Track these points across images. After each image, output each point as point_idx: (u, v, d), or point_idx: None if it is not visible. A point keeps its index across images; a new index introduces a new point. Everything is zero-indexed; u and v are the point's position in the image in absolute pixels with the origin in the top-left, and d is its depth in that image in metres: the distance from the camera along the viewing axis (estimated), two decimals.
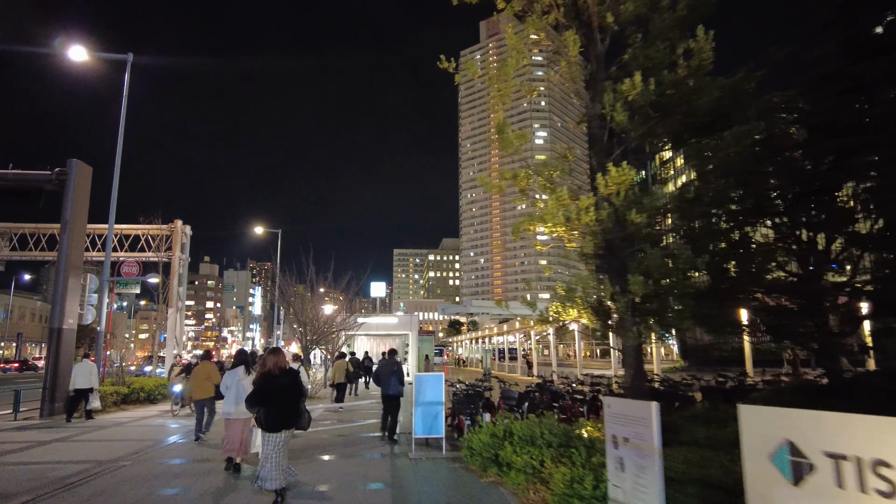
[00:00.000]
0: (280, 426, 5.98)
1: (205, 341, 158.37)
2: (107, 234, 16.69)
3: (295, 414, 6.17)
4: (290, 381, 6.19)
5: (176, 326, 23.18)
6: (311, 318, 20.60)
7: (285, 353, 7.62)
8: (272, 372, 6.13)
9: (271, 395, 6.00)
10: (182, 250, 23.73)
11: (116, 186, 16.73)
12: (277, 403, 6.01)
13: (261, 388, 6.06)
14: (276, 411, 5.99)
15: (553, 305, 7.71)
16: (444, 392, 8.49)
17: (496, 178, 8.19)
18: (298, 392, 6.29)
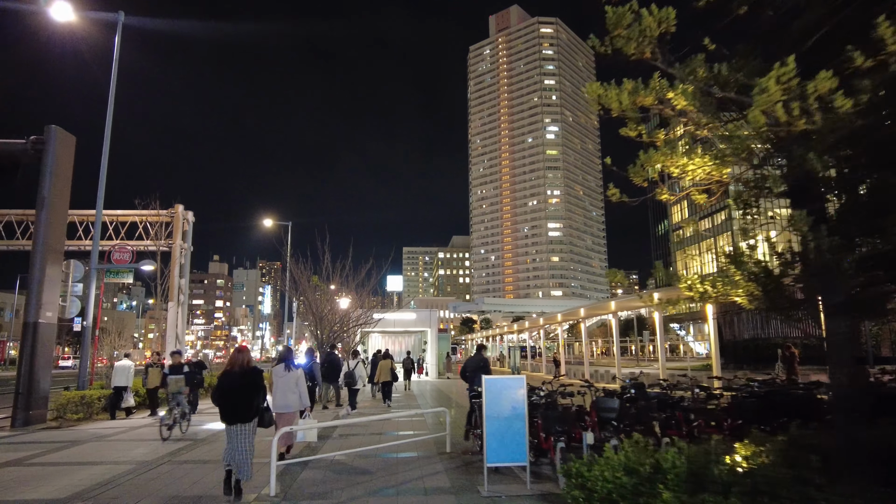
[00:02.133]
0: (234, 419, 6.27)
1: (214, 340, 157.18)
2: (97, 217, 14.44)
3: (249, 410, 6.34)
4: (248, 380, 6.43)
5: (178, 322, 20.97)
6: (328, 312, 18.31)
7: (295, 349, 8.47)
8: (232, 370, 6.47)
9: (227, 392, 6.36)
10: (184, 238, 21.45)
11: (106, 158, 14.48)
12: (231, 399, 6.34)
13: (218, 385, 6.50)
14: (230, 405, 6.32)
15: (712, 281, 5.32)
16: (525, 403, 6.13)
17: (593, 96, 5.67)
18: (255, 389, 6.44)
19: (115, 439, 10.81)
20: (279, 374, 8.37)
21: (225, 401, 6.34)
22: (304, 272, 17.65)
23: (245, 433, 6.29)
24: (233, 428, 6.28)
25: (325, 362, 14.66)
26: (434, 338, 33.47)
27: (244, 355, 6.63)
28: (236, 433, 6.27)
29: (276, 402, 8.25)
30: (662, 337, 22.21)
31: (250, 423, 6.36)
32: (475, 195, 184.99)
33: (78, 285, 14.00)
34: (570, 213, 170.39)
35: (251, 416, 6.36)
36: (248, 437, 6.30)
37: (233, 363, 6.53)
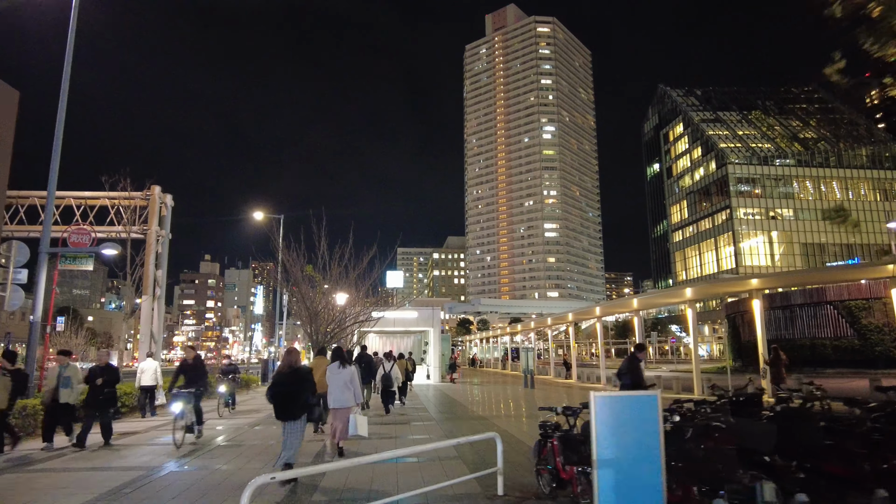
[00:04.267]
0: (288, 416, 6.79)
1: (205, 341, 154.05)
2: (49, 190, 12.01)
3: (298, 406, 6.83)
4: (297, 378, 6.95)
5: (153, 318, 18.50)
6: (323, 308, 15.91)
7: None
8: (282, 371, 7.08)
9: (279, 390, 6.87)
10: (161, 224, 18.98)
11: (63, 116, 12.09)
12: (282, 396, 6.82)
13: (273, 383, 7.09)
14: (282, 403, 6.83)
15: None
16: (661, 432, 3.82)
17: None
18: (303, 387, 6.92)
19: (56, 477, 8.39)
20: (334, 371, 8.64)
21: (277, 399, 6.83)
22: (297, 261, 15.24)
23: (296, 429, 6.80)
24: (285, 425, 6.81)
25: (360, 363, 14.39)
26: (437, 338, 31.12)
27: (293, 356, 7.26)
28: (288, 429, 6.79)
29: (332, 398, 8.52)
30: (696, 335, 19.95)
31: (300, 420, 6.86)
32: (471, 195, 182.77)
33: (22, 271, 11.59)
34: (566, 214, 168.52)
35: (300, 412, 6.85)
36: (298, 433, 6.83)
37: (282, 365, 7.18)
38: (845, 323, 28.35)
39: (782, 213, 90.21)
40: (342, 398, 8.44)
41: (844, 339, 28.37)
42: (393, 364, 14.96)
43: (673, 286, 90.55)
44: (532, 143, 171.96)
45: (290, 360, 7.16)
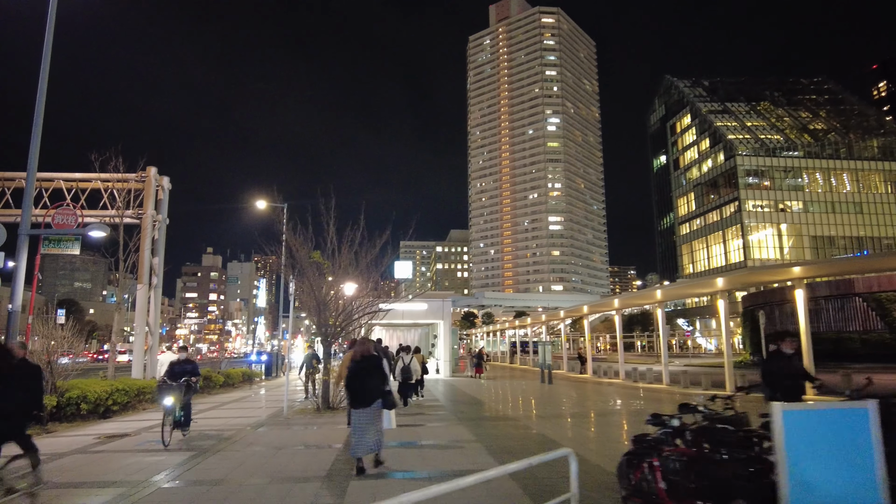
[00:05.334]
0: (362, 403, 6.90)
1: (208, 334, 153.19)
2: (30, 165, 10.72)
3: (374, 393, 6.94)
4: (371, 366, 7.12)
5: (149, 309, 17.28)
6: (332, 298, 14.67)
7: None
8: (355, 358, 7.16)
9: (355, 378, 7.02)
10: (158, 208, 17.70)
11: (45, 86, 10.85)
12: (358, 384, 6.99)
13: (348, 370, 7.17)
14: (358, 390, 6.98)
15: None
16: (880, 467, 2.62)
17: None
18: (377, 375, 7.09)
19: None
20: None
21: (351, 387, 7.02)
22: (304, 245, 13.97)
23: (369, 415, 6.85)
24: (359, 411, 6.87)
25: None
26: (447, 331, 29.98)
27: (366, 345, 7.41)
28: (364, 416, 6.82)
29: None
30: (728, 329, 18.71)
31: (374, 405, 6.91)
32: (474, 188, 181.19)
33: None
34: (570, 207, 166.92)
35: (373, 398, 6.91)
36: (375, 419, 6.88)
37: (355, 353, 7.27)
38: (875, 316, 27.09)
39: (791, 206, 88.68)
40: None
41: (874, 333, 27.11)
42: (412, 357, 14.84)
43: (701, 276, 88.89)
44: (536, 135, 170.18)
45: (363, 349, 7.32)
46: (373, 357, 7.28)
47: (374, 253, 14.98)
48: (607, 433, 10.51)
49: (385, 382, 7.25)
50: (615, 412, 13.68)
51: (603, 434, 10.34)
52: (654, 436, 4.71)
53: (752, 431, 3.99)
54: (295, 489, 6.17)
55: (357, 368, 7.06)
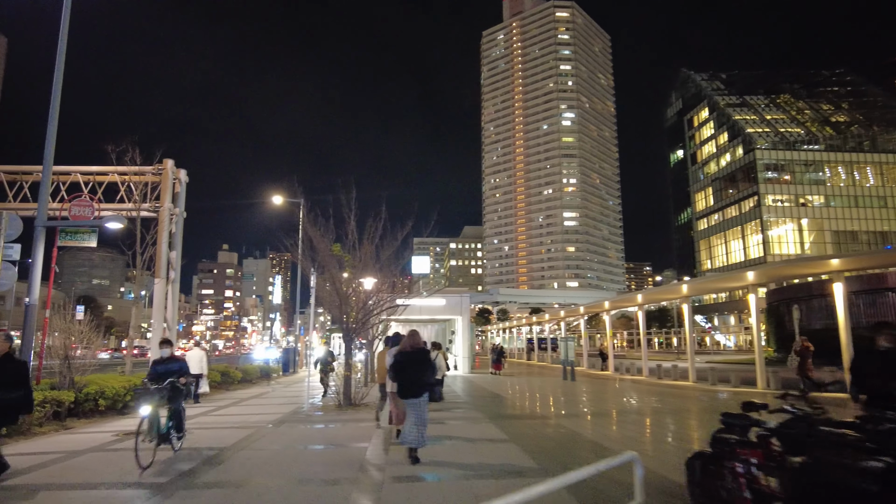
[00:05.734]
0: (411, 394, 7.03)
1: (223, 331, 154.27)
2: (46, 153, 10.45)
3: (422, 385, 7.10)
4: (420, 358, 7.27)
5: (167, 304, 17.02)
6: (352, 292, 14.28)
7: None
8: (405, 349, 7.31)
9: (404, 369, 7.15)
10: (175, 201, 17.40)
11: (60, 73, 10.56)
12: (409, 375, 7.09)
13: (395, 363, 7.32)
14: (407, 382, 7.10)
15: None
16: None
17: None
18: (426, 367, 7.25)
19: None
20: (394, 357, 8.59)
21: (401, 378, 7.16)
22: (325, 237, 13.57)
23: (419, 405, 7.00)
24: (409, 402, 7.04)
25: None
26: (466, 327, 29.54)
27: (416, 337, 7.45)
28: (413, 407, 6.99)
29: (392, 383, 8.38)
30: (759, 322, 18.08)
31: (423, 397, 7.08)
32: (488, 184, 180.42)
33: (13, 246, 10.10)
34: (586, 202, 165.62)
35: (423, 390, 7.10)
36: (422, 410, 7.00)
37: (405, 345, 7.35)
38: None
39: (813, 200, 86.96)
40: None
41: None
42: (437, 353, 14.29)
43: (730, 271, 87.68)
44: (551, 130, 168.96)
45: (412, 341, 7.41)
46: (423, 350, 7.53)
47: (396, 245, 14.56)
48: (649, 432, 10.01)
49: (434, 374, 7.49)
50: (649, 410, 13.15)
51: (642, 433, 9.84)
52: (735, 437, 4.20)
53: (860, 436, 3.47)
54: (325, 493, 5.77)
55: (407, 360, 7.20)
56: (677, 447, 8.15)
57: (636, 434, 9.73)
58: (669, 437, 9.29)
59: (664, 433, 9.87)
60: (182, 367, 8.07)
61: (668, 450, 8.03)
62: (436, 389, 7.71)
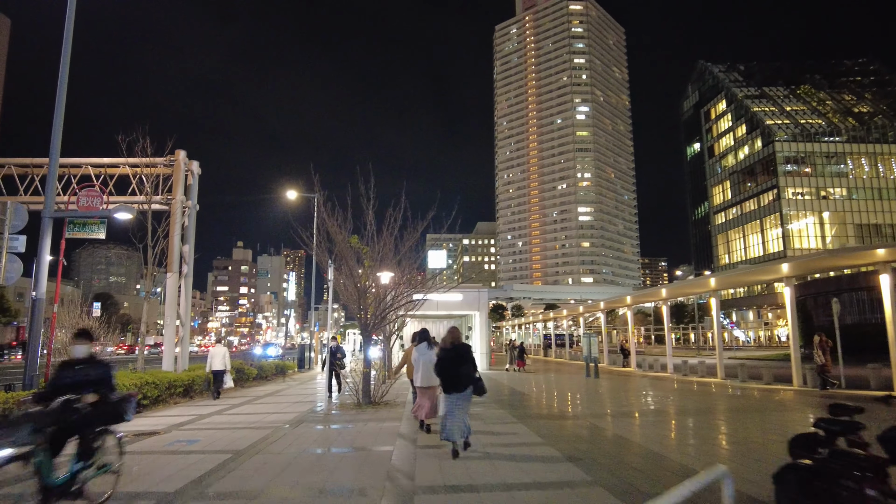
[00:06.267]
0: (455, 389, 7.12)
1: (238, 327, 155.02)
2: (53, 139, 9.94)
3: (466, 379, 7.14)
4: (462, 353, 7.30)
5: (180, 299, 16.57)
6: (371, 285, 13.71)
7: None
8: (447, 346, 7.41)
9: (446, 365, 7.26)
10: (187, 193, 16.91)
11: (68, 53, 10.08)
12: (453, 370, 7.18)
13: (440, 358, 7.46)
14: (450, 376, 7.20)
15: None
16: None
17: None
18: (469, 362, 7.24)
19: None
20: (422, 352, 9.09)
21: (445, 373, 7.27)
22: (343, 228, 12.98)
23: (462, 400, 7.15)
24: (451, 396, 7.15)
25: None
26: (483, 322, 28.92)
27: (456, 333, 7.57)
28: (455, 401, 7.12)
29: (420, 378, 8.96)
30: (794, 316, 17.25)
31: (466, 392, 7.18)
32: (501, 179, 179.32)
33: (19, 238, 9.62)
34: (600, 197, 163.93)
35: (466, 385, 7.16)
36: (465, 404, 7.21)
37: (446, 341, 7.47)
38: None
39: (834, 193, 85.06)
40: (429, 377, 8.68)
41: None
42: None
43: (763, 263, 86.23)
44: (565, 125, 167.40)
45: (453, 336, 7.48)
46: (464, 345, 7.52)
47: (416, 237, 13.94)
48: (702, 436, 9.30)
49: (475, 369, 7.36)
50: (691, 409, 12.40)
51: (695, 437, 9.14)
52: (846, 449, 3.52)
53: None
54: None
55: (449, 356, 7.30)
56: (743, 454, 7.43)
57: (686, 438, 9.02)
58: (726, 442, 8.44)
59: (716, 436, 9.10)
60: (104, 376, 5.29)
61: (733, 457, 7.32)
62: (479, 383, 7.21)
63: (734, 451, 7.58)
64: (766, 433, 9.19)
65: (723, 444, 8.22)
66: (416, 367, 9.15)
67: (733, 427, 9.92)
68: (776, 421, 10.72)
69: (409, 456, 7.22)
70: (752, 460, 6.89)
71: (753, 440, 8.51)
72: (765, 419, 10.90)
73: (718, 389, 17.11)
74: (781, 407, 12.77)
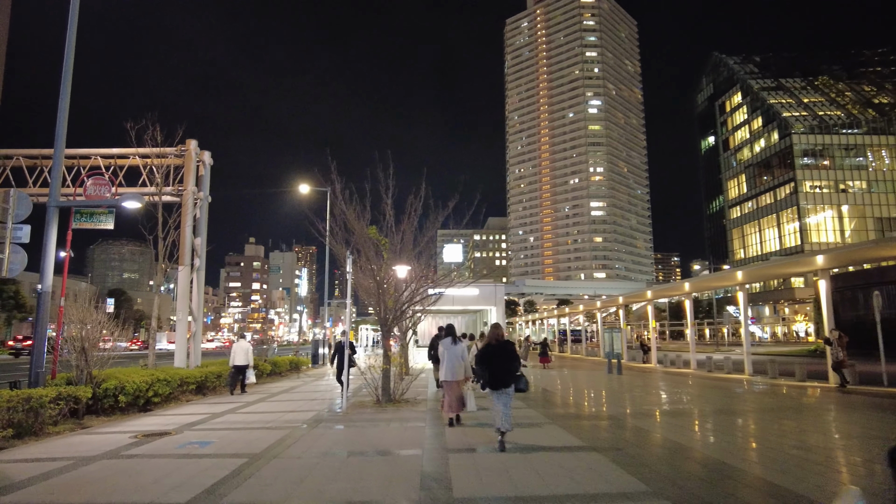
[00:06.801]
0: (501, 384, 7.23)
1: (251, 323, 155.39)
2: (59, 122, 9.45)
3: (510, 376, 7.29)
4: (506, 350, 7.38)
5: (193, 293, 16.07)
6: (390, 279, 13.11)
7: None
8: (491, 343, 7.46)
9: (491, 361, 7.33)
10: (198, 184, 16.40)
11: (74, 33, 9.56)
12: (495, 368, 7.28)
13: (482, 355, 7.46)
14: (495, 374, 7.26)
15: None
16: None
17: None
18: (512, 358, 7.34)
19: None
20: (447, 347, 9.13)
21: (490, 370, 7.29)
22: (361, 218, 12.36)
23: (507, 395, 7.24)
24: (497, 393, 7.25)
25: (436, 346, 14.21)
26: (500, 317, 28.26)
27: (499, 330, 7.65)
28: (502, 396, 7.23)
29: (445, 372, 9.08)
30: (831, 310, 16.46)
31: (510, 388, 7.30)
32: (512, 174, 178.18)
33: (23, 228, 9.10)
34: (613, 192, 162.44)
35: (510, 381, 7.30)
36: (508, 399, 7.26)
37: (490, 338, 7.54)
38: None
39: (853, 186, 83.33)
40: (454, 372, 8.96)
41: None
42: (472, 344, 14.27)
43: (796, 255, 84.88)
44: (577, 119, 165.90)
45: (497, 334, 7.54)
46: (508, 342, 7.61)
47: (437, 226, 13.32)
48: (762, 440, 8.58)
49: (519, 366, 7.46)
50: (736, 409, 11.65)
51: (739, 438, 8.44)
52: None
53: None
54: None
55: (494, 352, 7.34)
56: (818, 463, 6.74)
57: (741, 441, 8.28)
58: (789, 447, 7.53)
59: (775, 440, 8.25)
60: None
61: (803, 465, 6.61)
62: (522, 380, 7.39)
63: (804, 459, 6.83)
64: (826, 436, 8.48)
65: (788, 451, 7.33)
66: (442, 361, 9.22)
67: (789, 429, 9.16)
68: (834, 422, 9.98)
69: (440, 461, 6.60)
70: (832, 470, 6.21)
71: (815, 445, 7.74)
72: (819, 420, 10.15)
73: (751, 387, 16.36)
74: (830, 407, 12.00)
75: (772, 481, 5.54)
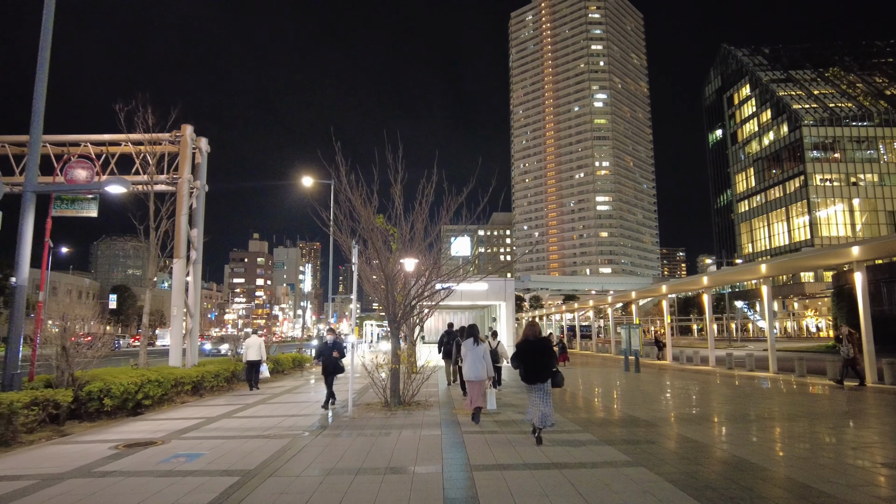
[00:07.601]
0: (538, 380, 7.43)
1: (255, 319, 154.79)
2: (35, 98, 8.47)
3: (546, 371, 7.44)
4: (542, 346, 7.60)
5: (189, 288, 15.15)
6: (400, 272, 12.15)
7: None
8: (528, 338, 7.65)
9: (527, 356, 7.53)
10: (195, 173, 15.46)
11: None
12: (531, 363, 7.51)
13: (519, 351, 7.64)
14: (531, 368, 7.48)
15: None
16: None
17: None
18: (550, 355, 7.56)
19: None
20: (469, 347, 9.45)
21: (526, 365, 7.51)
22: (368, 205, 11.40)
23: (543, 391, 7.44)
24: (533, 387, 7.49)
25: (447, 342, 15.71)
26: (510, 313, 27.30)
27: (535, 327, 7.85)
28: (537, 391, 7.45)
29: (468, 371, 9.39)
30: (867, 303, 15.44)
31: (546, 383, 7.47)
32: (517, 169, 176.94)
33: None
34: (619, 186, 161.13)
35: (546, 376, 7.47)
36: (546, 394, 7.45)
37: (527, 334, 7.72)
38: None
39: (864, 179, 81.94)
40: (477, 372, 9.22)
41: None
42: (498, 342, 14.42)
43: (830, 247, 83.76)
44: (582, 112, 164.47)
45: (534, 330, 7.75)
46: (545, 339, 7.89)
47: (450, 215, 12.33)
48: (818, 452, 7.58)
49: (555, 362, 7.63)
50: (779, 415, 10.61)
51: (808, 451, 7.43)
52: None
53: None
54: None
55: (531, 348, 7.52)
56: (868, 468, 5.76)
57: (811, 456, 7.29)
58: (871, 463, 6.42)
59: (850, 453, 7.31)
60: None
61: (857, 475, 5.63)
62: (558, 375, 7.40)
63: (842, 463, 5.87)
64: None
65: (872, 468, 6.39)
66: (465, 362, 9.52)
67: (856, 438, 8.15)
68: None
69: (464, 480, 5.64)
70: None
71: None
72: (885, 425, 9.11)
73: (783, 386, 15.36)
74: (884, 409, 10.98)
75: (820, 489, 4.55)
